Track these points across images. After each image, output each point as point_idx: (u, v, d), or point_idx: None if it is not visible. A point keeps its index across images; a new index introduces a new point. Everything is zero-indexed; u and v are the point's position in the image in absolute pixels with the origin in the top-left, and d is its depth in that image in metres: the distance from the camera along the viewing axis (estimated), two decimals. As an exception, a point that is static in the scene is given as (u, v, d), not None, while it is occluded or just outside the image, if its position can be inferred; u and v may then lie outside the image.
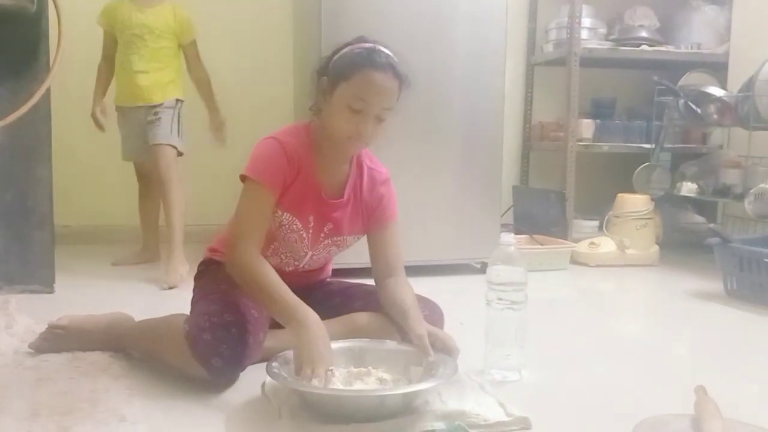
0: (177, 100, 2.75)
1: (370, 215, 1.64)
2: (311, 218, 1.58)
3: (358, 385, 1.33)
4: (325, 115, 1.52)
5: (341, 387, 1.31)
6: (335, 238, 1.64)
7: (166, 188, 2.66)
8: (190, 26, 2.77)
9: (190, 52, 2.81)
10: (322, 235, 1.61)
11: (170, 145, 2.68)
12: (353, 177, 1.61)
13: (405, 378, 1.38)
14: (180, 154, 2.73)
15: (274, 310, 1.42)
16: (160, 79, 2.71)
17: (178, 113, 2.74)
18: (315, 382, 1.25)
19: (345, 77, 1.45)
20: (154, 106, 2.70)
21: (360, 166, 1.63)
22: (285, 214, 1.55)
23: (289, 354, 1.38)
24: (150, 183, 2.88)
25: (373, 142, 1.52)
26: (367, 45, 1.48)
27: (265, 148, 1.53)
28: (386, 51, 1.48)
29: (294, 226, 1.57)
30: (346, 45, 1.50)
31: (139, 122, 2.73)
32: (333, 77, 1.47)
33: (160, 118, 2.69)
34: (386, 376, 1.37)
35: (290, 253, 1.62)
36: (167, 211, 2.67)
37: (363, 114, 1.45)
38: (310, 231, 1.59)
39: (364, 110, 1.44)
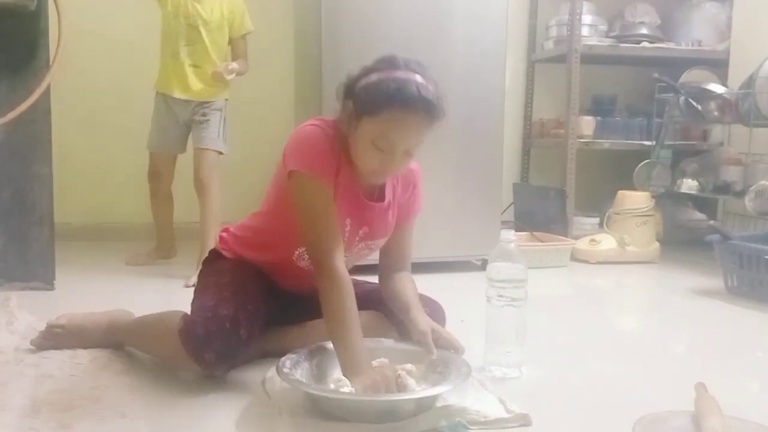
0: (225, 100, 2.68)
1: (400, 212, 1.58)
2: (348, 221, 1.48)
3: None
4: (350, 139, 1.41)
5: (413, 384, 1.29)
6: (369, 242, 1.56)
7: (206, 193, 2.60)
8: (243, 17, 2.68)
9: (239, 47, 2.70)
10: (357, 238, 1.53)
11: (215, 151, 2.63)
12: (391, 179, 1.52)
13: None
14: (221, 153, 2.67)
15: (337, 343, 1.32)
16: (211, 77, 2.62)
17: (225, 115, 2.67)
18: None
19: (371, 111, 1.33)
20: (203, 104, 2.63)
21: None
22: None
23: (298, 355, 1.37)
24: (161, 180, 2.77)
25: (400, 172, 1.46)
26: (398, 76, 1.33)
27: (310, 137, 1.41)
28: (419, 81, 1.33)
29: None
30: (375, 70, 1.37)
31: (184, 117, 2.65)
32: (359, 107, 1.36)
33: (208, 120, 2.62)
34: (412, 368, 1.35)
35: None
36: (205, 215, 2.60)
37: (388, 152, 1.35)
38: (346, 235, 1.48)
39: (390, 149, 1.35)
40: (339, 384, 1.28)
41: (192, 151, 2.68)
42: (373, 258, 1.65)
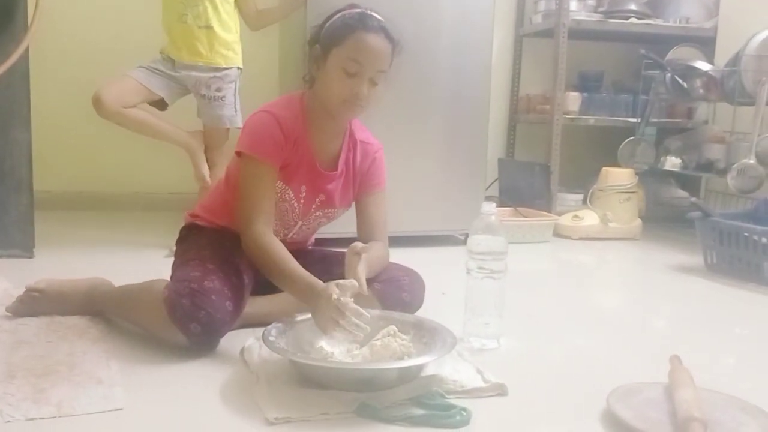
0: (239, 69, 2.51)
1: (360, 185, 1.65)
2: (303, 188, 1.58)
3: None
4: (319, 82, 1.53)
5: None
6: (326, 210, 1.65)
7: (214, 168, 2.49)
8: None
9: (248, 8, 2.56)
10: (313, 206, 1.62)
11: (234, 127, 2.48)
12: (345, 150, 1.62)
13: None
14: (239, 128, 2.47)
15: (289, 288, 1.45)
16: (223, 39, 2.44)
17: (239, 86, 2.51)
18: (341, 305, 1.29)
19: (338, 41, 1.47)
20: (215, 72, 2.45)
21: (352, 139, 1.63)
22: (278, 183, 1.55)
23: (284, 324, 1.38)
24: (110, 104, 2.35)
25: (367, 108, 1.52)
26: (358, 10, 1.51)
27: (261, 123, 1.52)
28: (377, 15, 1.50)
29: (286, 196, 1.57)
30: (337, 12, 1.52)
31: (189, 83, 2.45)
32: (326, 43, 1.49)
33: (224, 96, 2.45)
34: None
35: (280, 222, 1.61)
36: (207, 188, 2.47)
37: (358, 77, 1.46)
38: (302, 201, 1.60)
39: (359, 72, 1.46)
40: (323, 353, 1.30)
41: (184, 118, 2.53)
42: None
